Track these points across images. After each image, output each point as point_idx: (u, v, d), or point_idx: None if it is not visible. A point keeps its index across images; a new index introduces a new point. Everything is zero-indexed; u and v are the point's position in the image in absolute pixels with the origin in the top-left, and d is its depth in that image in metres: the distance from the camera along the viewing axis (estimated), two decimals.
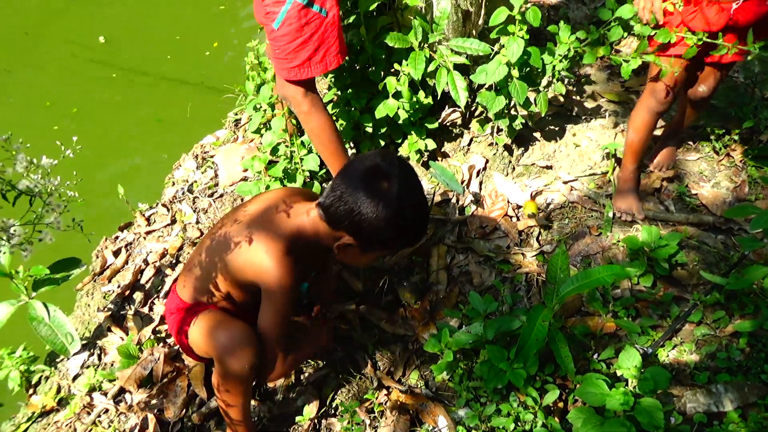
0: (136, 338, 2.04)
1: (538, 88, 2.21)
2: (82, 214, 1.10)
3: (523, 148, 2.53)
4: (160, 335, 2.07)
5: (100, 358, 2.08)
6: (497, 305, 1.85)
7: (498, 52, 2.12)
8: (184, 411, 1.86)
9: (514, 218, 2.30)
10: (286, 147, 2.31)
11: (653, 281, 1.98)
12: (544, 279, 2.06)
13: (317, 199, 1.55)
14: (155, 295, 2.24)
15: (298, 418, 1.77)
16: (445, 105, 2.57)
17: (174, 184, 2.74)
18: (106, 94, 3.60)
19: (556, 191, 2.36)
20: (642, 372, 1.55)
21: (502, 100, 2.20)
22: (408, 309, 2.05)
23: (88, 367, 2.05)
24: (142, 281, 2.29)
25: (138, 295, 2.24)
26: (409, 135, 2.41)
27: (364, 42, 2.18)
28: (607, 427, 1.47)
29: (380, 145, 2.47)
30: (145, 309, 2.20)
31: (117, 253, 2.44)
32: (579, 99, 2.69)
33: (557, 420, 1.62)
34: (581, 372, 1.74)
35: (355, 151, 2.52)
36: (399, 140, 2.47)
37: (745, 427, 1.55)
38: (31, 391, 2.04)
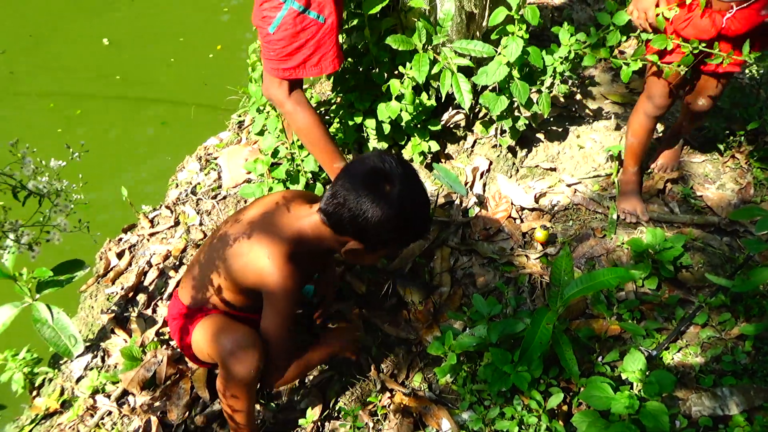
0: (140, 340, 2.04)
1: (540, 89, 2.21)
2: (87, 216, 1.10)
3: (526, 149, 2.52)
4: (164, 337, 2.07)
5: (103, 360, 2.09)
6: (501, 308, 1.84)
7: (500, 53, 2.12)
8: (187, 413, 1.86)
9: (517, 220, 2.29)
10: (285, 149, 2.31)
11: (658, 283, 1.97)
12: (548, 281, 2.05)
13: (318, 201, 1.55)
14: (158, 297, 2.24)
15: (302, 421, 1.77)
16: (448, 107, 2.56)
17: (177, 186, 2.74)
18: (110, 96, 3.61)
19: (560, 193, 2.36)
20: (647, 375, 1.54)
21: (504, 101, 2.20)
22: (411, 311, 2.04)
23: (91, 369, 2.05)
24: (146, 283, 2.29)
25: (141, 297, 2.24)
26: (412, 137, 2.41)
27: (368, 44, 2.18)
28: (611, 430, 1.47)
29: (384, 147, 2.46)
30: (149, 311, 2.20)
31: (120, 255, 2.44)
32: (583, 100, 2.68)
33: (561, 423, 1.61)
34: (585, 375, 1.73)
35: (357, 153, 2.51)
36: (402, 142, 2.47)
37: (750, 431, 1.54)
38: (34, 393, 2.04)
